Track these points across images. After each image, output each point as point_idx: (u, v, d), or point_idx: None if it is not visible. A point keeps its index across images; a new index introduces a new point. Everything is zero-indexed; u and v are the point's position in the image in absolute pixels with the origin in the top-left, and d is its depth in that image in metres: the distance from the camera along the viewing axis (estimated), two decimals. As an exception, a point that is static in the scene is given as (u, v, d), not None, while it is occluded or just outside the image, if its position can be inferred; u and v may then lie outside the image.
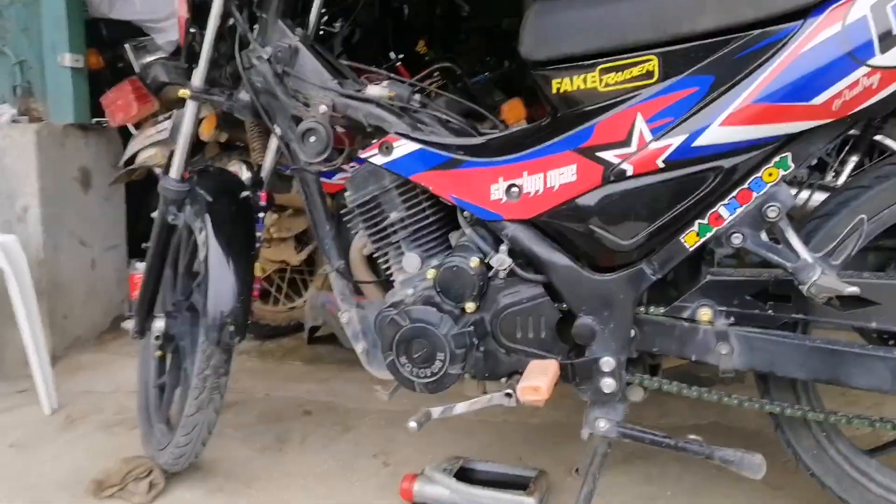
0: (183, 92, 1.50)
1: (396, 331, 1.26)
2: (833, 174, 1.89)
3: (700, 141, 1.05)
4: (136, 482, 1.57)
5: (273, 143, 1.65)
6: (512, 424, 1.86)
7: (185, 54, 1.55)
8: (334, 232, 1.49)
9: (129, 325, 1.74)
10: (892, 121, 2.00)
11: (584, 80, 1.14)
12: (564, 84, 1.16)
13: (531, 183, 1.19)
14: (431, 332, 1.24)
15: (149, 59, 2.87)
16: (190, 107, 1.53)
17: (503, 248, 1.23)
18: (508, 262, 1.22)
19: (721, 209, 1.09)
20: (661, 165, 1.08)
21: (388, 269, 1.40)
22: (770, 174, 1.06)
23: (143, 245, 1.69)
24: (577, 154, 1.15)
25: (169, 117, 2.44)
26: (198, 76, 1.50)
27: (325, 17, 2.44)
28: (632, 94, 1.11)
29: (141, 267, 2.50)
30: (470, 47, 3.58)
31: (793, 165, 1.05)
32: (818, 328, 1.17)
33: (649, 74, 1.09)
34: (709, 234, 1.10)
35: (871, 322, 1.06)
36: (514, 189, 1.21)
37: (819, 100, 0.98)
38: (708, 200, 1.09)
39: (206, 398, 1.50)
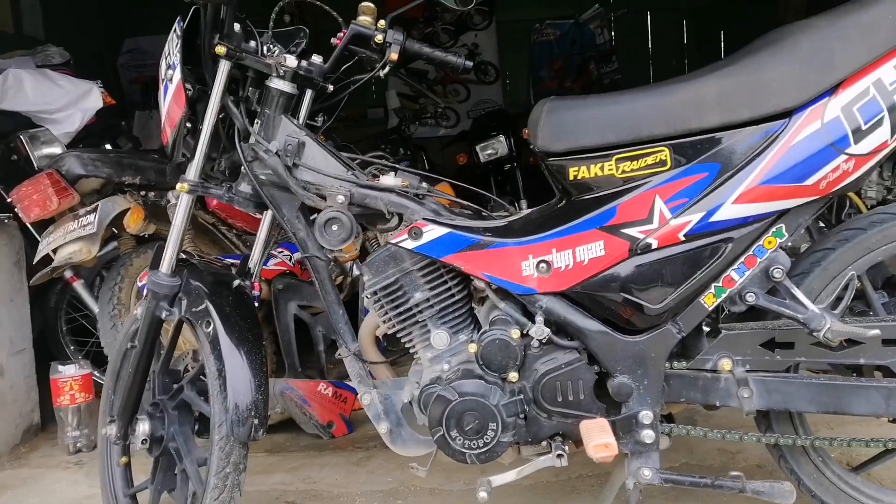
0: (181, 186, 1.47)
1: (446, 406, 1.31)
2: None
3: (716, 217, 1.23)
4: None
5: (263, 234, 1.64)
6: (504, 489, 1.90)
7: (175, 151, 1.52)
8: (346, 316, 1.51)
9: (110, 430, 1.61)
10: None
11: (602, 168, 1.30)
12: (581, 172, 1.31)
13: (561, 259, 1.31)
14: (482, 404, 1.30)
15: (46, 150, 2.71)
16: (185, 200, 1.50)
17: (539, 318, 1.32)
18: (547, 331, 1.32)
19: (732, 273, 1.27)
20: (683, 238, 1.25)
21: (411, 347, 1.44)
22: (769, 242, 1.26)
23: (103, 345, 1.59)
24: (603, 231, 1.29)
25: (93, 210, 2.31)
26: (193, 170, 1.48)
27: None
28: (646, 180, 1.27)
29: (65, 370, 2.32)
30: (340, 135, 3.81)
31: (787, 234, 1.26)
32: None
33: (662, 163, 1.26)
34: (724, 295, 1.28)
35: (859, 359, 1.28)
36: (544, 265, 1.32)
37: (810, 181, 1.20)
38: (721, 266, 1.27)
39: (227, 497, 1.43)
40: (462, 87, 6.68)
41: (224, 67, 1.43)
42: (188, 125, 1.48)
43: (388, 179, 1.44)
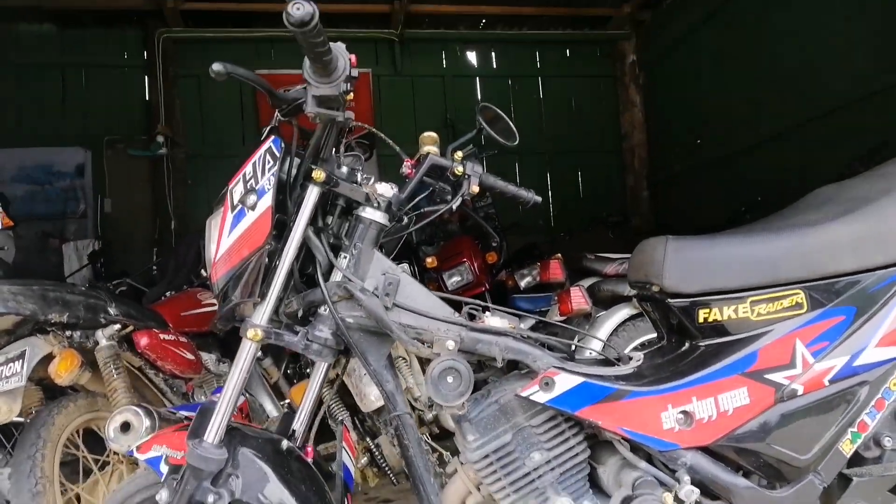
0: (253, 334, 1.20)
1: None
2: None
3: (860, 360, 1.23)
4: None
5: (314, 387, 1.38)
6: None
7: (226, 289, 1.24)
8: (437, 487, 1.27)
9: None
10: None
11: (736, 311, 1.26)
12: (713, 314, 1.26)
13: (703, 408, 1.22)
14: (647, 590, 1.12)
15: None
16: (252, 350, 1.22)
17: (685, 478, 1.20)
18: (696, 492, 1.20)
19: (865, 417, 1.26)
20: (827, 383, 1.22)
21: (526, 521, 1.24)
22: (894, 384, 1.27)
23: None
24: (745, 378, 1.23)
25: (18, 357, 1.84)
26: (263, 314, 1.22)
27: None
28: (782, 322, 1.25)
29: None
30: None
31: (908, 375, 1.28)
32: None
33: (799, 305, 1.25)
34: (860, 440, 1.25)
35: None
36: (684, 416, 1.22)
37: (936, 324, 1.24)
38: (857, 411, 1.25)
39: None
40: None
41: (313, 195, 1.23)
42: (263, 260, 1.22)
43: (495, 321, 1.28)
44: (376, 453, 2.71)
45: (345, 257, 1.26)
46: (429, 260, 4.10)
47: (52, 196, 5.07)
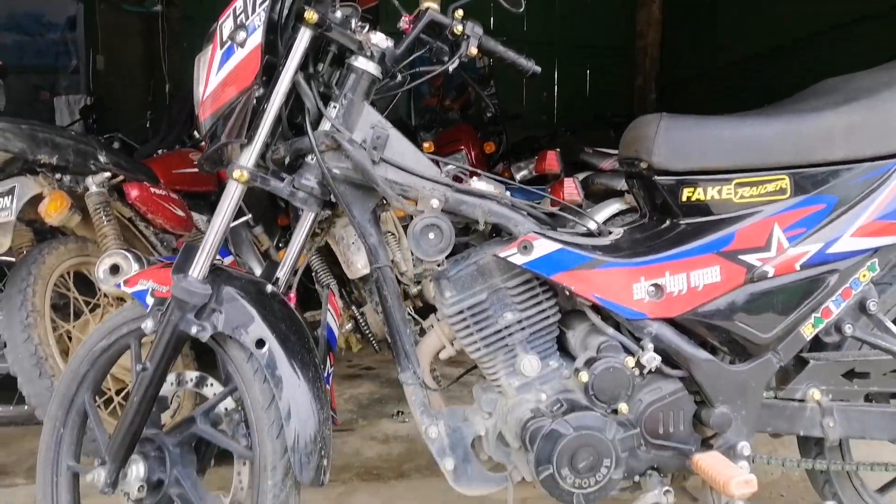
0: (238, 175, 1.20)
1: (557, 441, 1.19)
2: None
3: (833, 249, 1.25)
4: None
5: (301, 235, 1.40)
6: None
7: (214, 130, 1.23)
8: (413, 338, 1.33)
9: (98, 476, 1.26)
10: None
11: (720, 192, 1.27)
12: (697, 193, 1.27)
13: (674, 282, 1.26)
14: (598, 438, 1.20)
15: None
16: (238, 191, 1.23)
17: (649, 345, 1.25)
18: (658, 359, 1.25)
19: (830, 304, 1.30)
20: (798, 268, 1.26)
21: (493, 374, 1.30)
22: (864, 275, 1.30)
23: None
24: (719, 257, 1.26)
25: (8, 193, 1.85)
26: (251, 156, 1.23)
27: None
28: (763, 206, 1.26)
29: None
30: None
31: (878, 269, 1.31)
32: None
33: (782, 191, 1.26)
34: (822, 326, 1.30)
35: (924, 388, 1.37)
36: (655, 288, 1.25)
37: (916, 219, 1.26)
38: (823, 297, 1.29)
39: (281, 560, 1.17)
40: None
41: (305, 37, 1.20)
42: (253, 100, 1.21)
43: (481, 185, 1.29)
44: (361, 321, 2.80)
45: (334, 107, 1.24)
46: (426, 145, 4.06)
47: (43, 48, 4.91)
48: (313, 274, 2.68)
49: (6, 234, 1.83)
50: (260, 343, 1.20)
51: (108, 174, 2.16)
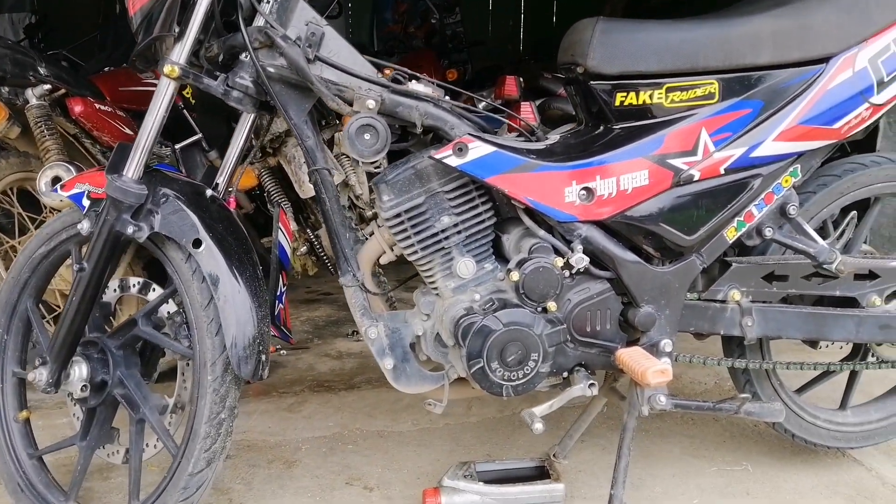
0: (169, 69, 1.19)
1: (487, 336, 1.24)
2: None
3: (756, 153, 1.29)
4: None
5: (240, 139, 1.40)
6: (454, 427, 1.88)
7: (145, 25, 1.21)
8: (353, 240, 1.35)
9: (39, 375, 1.28)
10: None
11: (651, 97, 1.29)
12: (629, 98, 1.30)
13: (604, 186, 1.29)
14: (526, 334, 1.25)
15: None
16: (170, 88, 1.22)
17: (578, 247, 1.30)
18: (586, 260, 1.30)
19: (753, 208, 1.35)
20: (723, 172, 1.30)
21: (430, 277, 1.34)
22: (786, 181, 1.36)
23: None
24: (648, 161, 1.29)
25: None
26: (182, 52, 1.21)
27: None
28: (693, 111, 1.29)
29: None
30: None
31: (801, 175, 1.36)
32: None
33: (711, 95, 1.29)
34: (744, 229, 1.36)
35: (835, 290, 1.44)
36: (586, 192, 1.29)
37: (837, 125, 1.31)
38: (746, 201, 1.34)
39: (220, 447, 1.23)
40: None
41: (234, -74, 1.17)
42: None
43: (419, 87, 1.30)
44: (316, 244, 2.81)
45: (268, 2, 1.23)
46: (386, 71, 3.98)
47: (-17, -37, 4.65)
48: (266, 195, 2.66)
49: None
50: (197, 243, 1.22)
51: (48, 87, 2.10)
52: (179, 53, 1.20)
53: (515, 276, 1.28)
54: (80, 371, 1.30)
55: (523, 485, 1.46)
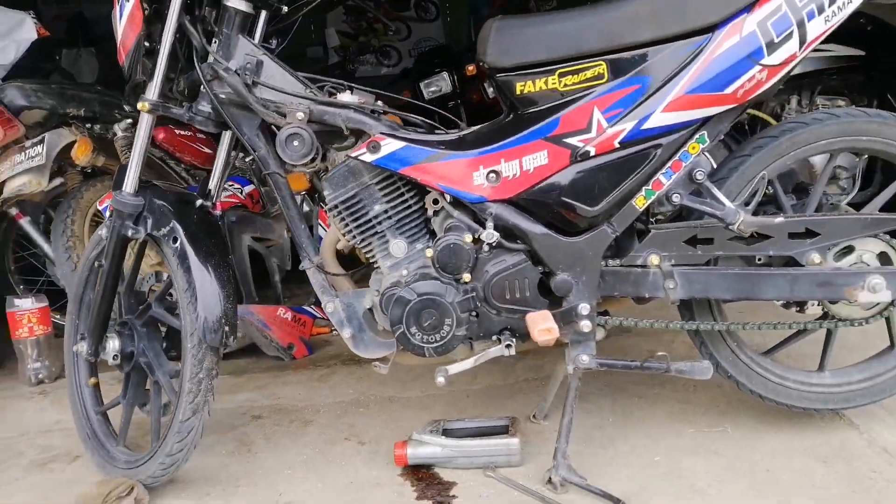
0: (142, 105, 1.51)
1: (406, 305, 1.43)
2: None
3: (647, 125, 1.37)
4: (119, 501, 1.54)
5: (222, 155, 1.70)
6: (458, 393, 2.07)
7: (132, 71, 1.54)
8: (308, 231, 1.60)
9: (81, 347, 1.68)
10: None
11: (546, 83, 1.41)
12: (527, 86, 1.42)
13: (509, 168, 1.43)
14: (439, 302, 1.43)
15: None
16: (146, 120, 1.54)
17: (489, 224, 1.45)
18: (496, 235, 1.45)
19: (660, 177, 1.42)
20: (618, 145, 1.39)
21: (371, 257, 1.55)
22: (693, 148, 1.41)
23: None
24: (546, 142, 1.41)
25: (40, 142, 2.29)
26: (153, 89, 1.52)
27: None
28: (586, 92, 1.39)
29: (22, 303, 2.33)
30: None
31: (709, 140, 1.41)
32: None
33: (600, 76, 1.38)
34: (653, 197, 1.43)
35: (769, 251, 1.46)
36: (494, 174, 1.43)
37: (729, 90, 1.34)
38: (651, 171, 1.41)
39: (202, 400, 1.53)
40: (403, 24, 6.62)
41: (180, -14, 1.46)
42: (146, 44, 1.51)
43: (346, 96, 1.51)
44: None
45: (216, 42, 1.50)
46: (469, 67, 4.17)
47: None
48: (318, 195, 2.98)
49: (44, 175, 2.28)
50: (174, 239, 1.53)
51: (130, 121, 2.56)
52: (150, 91, 1.52)
53: (430, 252, 1.46)
54: (113, 344, 1.66)
55: (480, 439, 1.64)
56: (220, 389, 2.26)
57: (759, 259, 1.51)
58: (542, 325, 1.35)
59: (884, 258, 1.48)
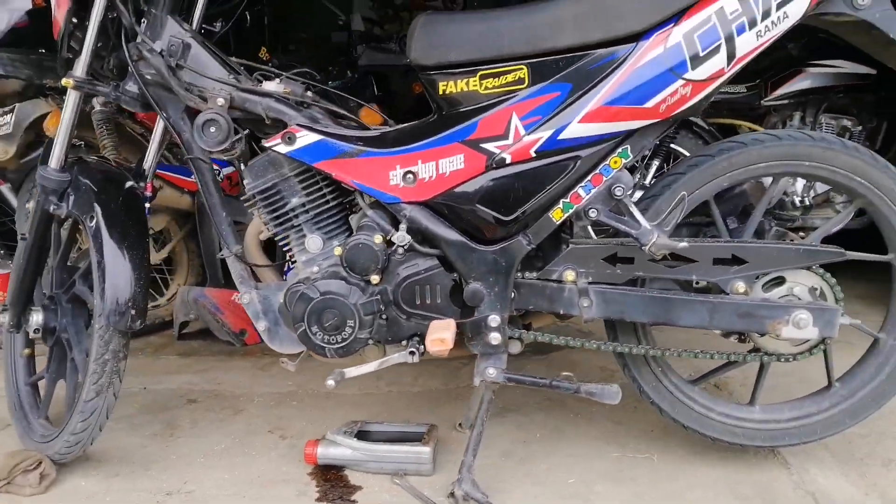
0: (66, 81, 1.50)
1: (308, 303, 1.40)
2: (640, 176, 2.33)
3: (564, 135, 1.30)
4: (25, 474, 1.54)
5: (157, 135, 1.68)
6: (395, 394, 2.04)
7: (63, 45, 1.53)
8: (230, 218, 1.57)
9: (3, 318, 1.69)
10: (683, 132, 2.51)
11: (467, 84, 1.35)
12: (450, 87, 1.37)
13: (425, 170, 1.38)
14: (341, 303, 1.40)
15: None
16: (72, 96, 1.53)
17: (402, 226, 1.40)
18: (408, 238, 1.40)
19: (579, 190, 1.36)
20: (534, 155, 1.33)
21: (288, 250, 1.52)
22: (615, 162, 1.34)
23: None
24: (463, 145, 1.36)
25: (10, 111, 2.31)
26: (80, 66, 1.51)
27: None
28: (507, 97, 1.34)
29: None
30: (300, 57, 3.76)
31: (631, 156, 1.34)
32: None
33: (521, 80, 1.32)
34: (571, 210, 1.37)
35: (691, 275, 1.39)
36: (410, 175, 1.39)
37: (649, 104, 1.27)
38: (569, 183, 1.35)
39: (106, 382, 1.52)
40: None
41: (108, -37, 1.45)
42: (74, 20, 1.50)
43: (271, 85, 1.48)
44: None
45: (144, 21, 1.49)
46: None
47: None
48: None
49: (11, 144, 2.31)
50: (90, 217, 1.52)
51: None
52: (78, 68, 1.50)
53: (339, 250, 1.42)
54: (36, 318, 1.67)
55: (392, 445, 1.60)
56: (165, 370, 2.30)
57: (697, 283, 1.44)
58: (435, 335, 1.31)
59: (816, 293, 1.40)
